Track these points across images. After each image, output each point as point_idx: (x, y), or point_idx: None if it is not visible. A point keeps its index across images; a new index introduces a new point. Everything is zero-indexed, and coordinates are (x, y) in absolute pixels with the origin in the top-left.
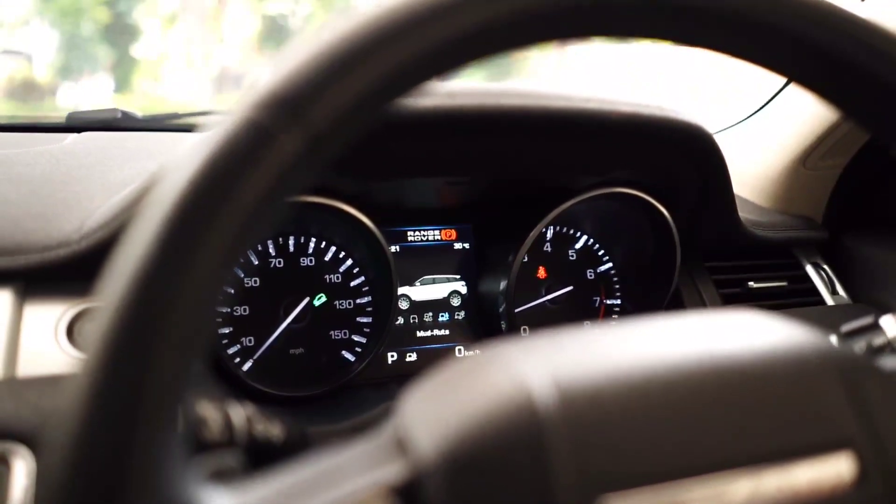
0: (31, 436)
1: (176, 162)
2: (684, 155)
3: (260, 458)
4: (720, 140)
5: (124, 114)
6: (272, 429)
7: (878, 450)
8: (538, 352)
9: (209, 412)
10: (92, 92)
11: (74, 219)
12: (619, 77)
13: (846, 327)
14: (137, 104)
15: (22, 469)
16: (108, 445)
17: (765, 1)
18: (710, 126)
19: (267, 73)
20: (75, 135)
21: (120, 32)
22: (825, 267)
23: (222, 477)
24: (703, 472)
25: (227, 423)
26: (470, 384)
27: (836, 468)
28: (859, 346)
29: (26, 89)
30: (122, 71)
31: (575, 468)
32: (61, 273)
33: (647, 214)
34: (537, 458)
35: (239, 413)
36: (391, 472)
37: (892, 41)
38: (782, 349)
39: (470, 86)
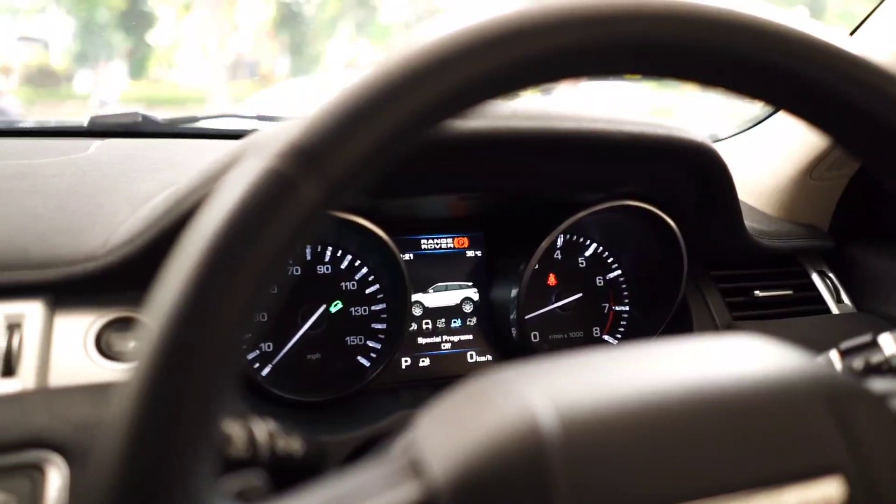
0: (65, 445)
1: (206, 207)
2: (690, 171)
3: (281, 473)
4: (729, 145)
5: (145, 117)
6: (293, 444)
7: (866, 475)
8: (542, 379)
9: (233, 429)
10: (107, 78)
11: (100, 233)
12: (628, 86)
13: (845, 345)
14: (152, 90)
15: (56, 477)
16: (147, 464)
17: (764, 42)
18: (715, 139)
19: (290, 123)
20: (99, 142)
21: (135, 19)
22: (831, 276)
23: (246, 496)
24: (696, 497)
25: (251, 439)
26: (479, 410)
27: (826, 493)
28: (857, 363)
29: (43, 75)
30: (137, 57)
31: (576, 493)
32: (88, 286)
33: (654, 225)
34: (541, 483)
35: (261, 429)
36: (404, 493)
37: (884, 76)
38: (773, 375)
39: (481, 108)
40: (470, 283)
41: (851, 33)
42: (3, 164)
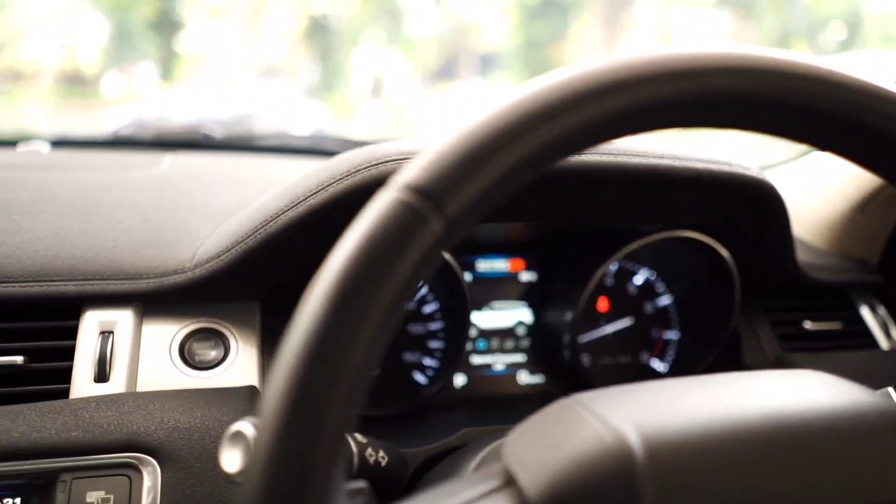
0: (158, 447)
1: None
2: (747, 204)
3: (369, 481)
4: (778, 174)
5: (205, 135)
6: (380, 454)
7: None
8: (626, 402)
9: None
10: (138, 83)
11: (186, 247)
12: None
13: None
14: (183, 95)
15: (150, 477)
16: (291, 476)
17: (825, 91)
18: (763, 166)
19: (413, 163)
20: (170, 157)
21: (166, 26)
22: (881, 310)
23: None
24: None
25: (359, 454)
26: (568, 430)
27: None
28: None
29: (75, 79)
30: (167, 63)
31: None
32: (175, 297)
33: (708, 255)
34: (629, 501)
35: (352, 440)
36: None
37: None
38: (845, 409)
39: None
40: (524, 306)
41: None
42: (87, 176)
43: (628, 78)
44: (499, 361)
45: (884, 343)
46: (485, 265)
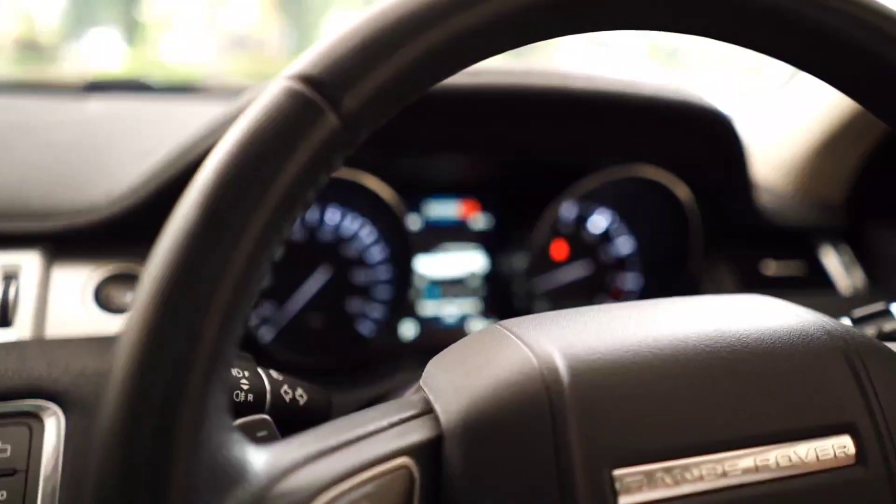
0: (62, 394)
1: (224, 133)
2: (704, 139)
3: (285, 421)
4: (746, 117)
5: (142, 82)
6: (297, 392)
7: (879, 430)
8: (554, 326)
9: (239, 374)
10: (98, 52)
11: (102, 185)
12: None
13: (858, 312)
14: (144, 66)
15: (53, 426)
16: (158, 401)
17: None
18: (731, 108)
19: (307, 54)
20: (97, 101)
21: None
22: (844, 254)
23: (255, 436)
24: (708, 449)
25: (256, 385)
26: (490, 354)
27: (838, 445)
28: (870, 331)
29: (30, 47)
30: (131, 30)
31: (586, 441)
32: (89, 238)
33: (668, 198)
34: (551, 428)
35: (266, 376)
36: (415, 432)
37: None
38: (789, 329)
39: (494, 66)
40: (477, 252)
41: None
42: (1, 117)
43: None
44: (450, 310)
45: (846, 286)
46: (436, 209)
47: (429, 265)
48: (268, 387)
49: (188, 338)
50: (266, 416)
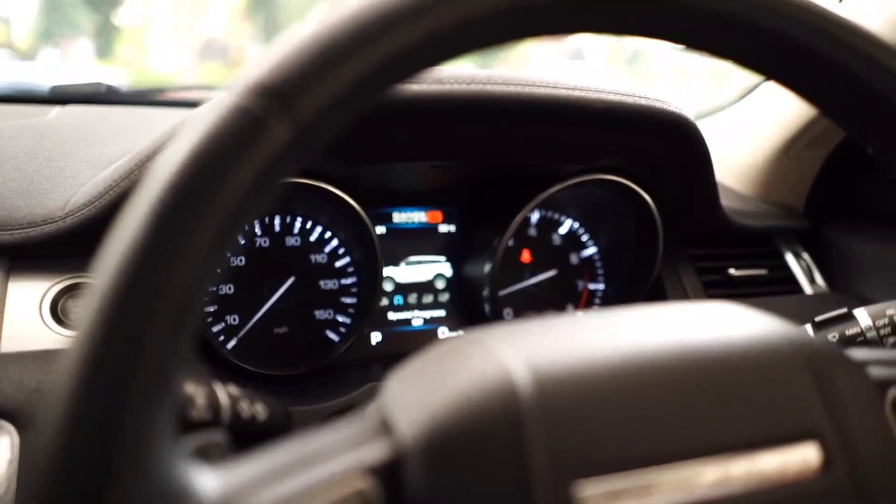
0: (16, 411)
1: (169, 145)
2: (668, 143)
3: (243, 437)
4: (708, 123)
5: (109, 88)
6: (256, 408)
7: (843, 439)
8: (517, 338)
9: (194, 391)
10: (73, 58)
11: (59, 195)
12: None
13: (820, 317)
14: (119, 72)
15: (6, 444)
16: (99, 421)
17: (752, 3)
18: (693, 113)
19: (259, 61)
20: (59, 108)
21: None
22: (805, 256)
23: (207, 456)
24: (672, 461)
25: (213, 401)
26: (451, 368)
27: (803, 456)
28: (832, 335)
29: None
30: (104, 38)
31: (549, 454)
32: (46, 250)
33: (631, 201)
34: (514, 442)
35: (223, 392)
36: (373, 452)
37: (874, 44)
38: (753, 339)
39: (458, 72)
40: (443, 259)
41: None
42: None
43: None
44: (417, 317)
45: (808, 288)
46: (401, 217)
47: (395, 272)
48: (225, 403)
49: (128, 356)
50: (218, 436)
